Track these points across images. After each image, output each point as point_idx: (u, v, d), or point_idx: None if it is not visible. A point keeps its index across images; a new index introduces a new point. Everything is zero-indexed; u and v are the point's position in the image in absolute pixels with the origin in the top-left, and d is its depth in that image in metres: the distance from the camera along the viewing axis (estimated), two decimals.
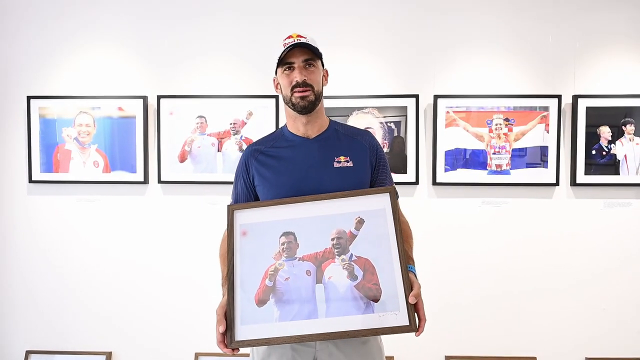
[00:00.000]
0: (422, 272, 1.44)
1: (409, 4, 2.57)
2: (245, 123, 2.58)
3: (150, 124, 2.62)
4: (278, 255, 1.33)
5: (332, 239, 1.33)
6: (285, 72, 1.43)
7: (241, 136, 2.58)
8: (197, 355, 2.58)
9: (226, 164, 2.58)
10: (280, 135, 1.53)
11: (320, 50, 1.46)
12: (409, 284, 1.26)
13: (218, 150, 2.59)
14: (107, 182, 2.60)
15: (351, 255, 1.31)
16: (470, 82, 2.56)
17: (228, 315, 1.27)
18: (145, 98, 2.59)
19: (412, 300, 1.22)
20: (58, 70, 2.65)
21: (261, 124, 2.56)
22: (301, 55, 1.41)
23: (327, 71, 1.53)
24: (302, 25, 2.57)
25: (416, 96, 2.52)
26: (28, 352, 2.62)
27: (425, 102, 2.56)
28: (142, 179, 2.59)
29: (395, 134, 2.54)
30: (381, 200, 1.36)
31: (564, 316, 2.54)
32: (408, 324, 1.22)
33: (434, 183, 2.53)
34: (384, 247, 1.31)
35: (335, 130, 1.52)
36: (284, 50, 1.40)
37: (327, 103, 2.53)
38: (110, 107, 2.60)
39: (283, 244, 1.33)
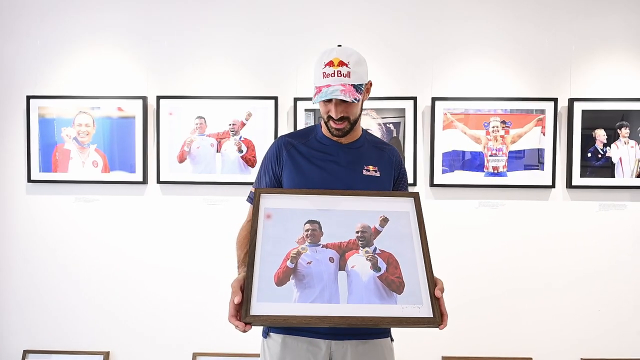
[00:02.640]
0: None
1: (408, 8, 2.59)
2: (245, 124, 2.59)
3: (149, 124, 2.63)
4: (302, 240, 1.32)
5: (357, 232, 1.34)
6: (323, 100, 1.38)
7: (240, 137, 2.59)
8: (195, 355, 2.58)
9: (225, 164, 2.60)
10: (312, 133, 1.54)
11: (362, 87, 1.39)
12: (433, 279, 1.27)
13: (217, 151, 2.60)
14: (106, 182, 2.61)
15: (375, 248, 1.32)
16: (468, 85, 2.58)
17: (244, 291, 1.22)
18: (144, 98, 2.60)
19: (438, 294, 1.22)
20: (58, 70, 2.65)
21: (260, 125, 2.58)
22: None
23: (370, 82, 1.48)
24: (301, 28, 2.59)
25: (414, 98, 2.54)
26: (25, 352, 2.62)
27: (423, 104, 2.58)
28: (141, 179, 2.60)
29: (394, 134, 2.56)
30: (406, 205, 1.41)
31: (560, 317, 2.56)
32: (432, 316, 1.21)
33: (432, 184, 2.55)
34: (408, 245, 1.34)
35: (366, 140, 1.55)
36: (319, 99, 1.35)
37: None
38: (109, 107, 2.61)
39: (307, 230, 1.34)
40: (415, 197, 1.43)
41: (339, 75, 1.34)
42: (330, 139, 1.51)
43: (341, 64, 1.34)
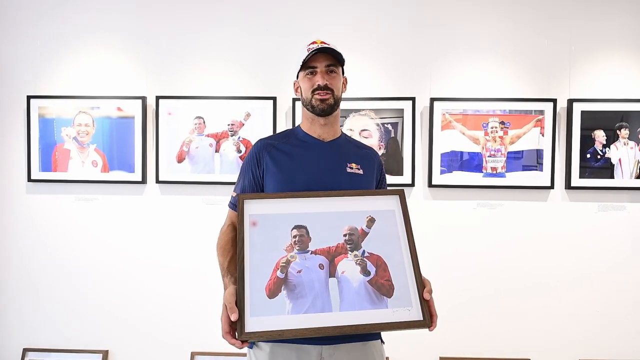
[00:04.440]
0: None
1: (407, 8, 2.59)
2: (243, 124, 2.60)
3: (148, 125, 2.64)
4: (290, 247, 1.31)
5: (344, 235, 1.33)
6: (307, 75, 1.47)
7: (239, 137, 2.60)
8: (193, 354, 2.59)
9: (224, 164, 2.60)
10: (292, 134, 1.55)
11: (343, 57, 1.48)
12: (422, 281, 1.28)
13: (216, 151, 2.60)
14: (106, 181, 2.62)
15: (363, 251, 1.32)
16: (467, 85, 2.58)
17: (237, 306, 1.22)
18: (144, 98, 2.61)
19: (427, 296, 1.24)
20: (58, 70, 2.67)
21: (259, 125, 2.58)
22: (324, 60, 1.45)
23: (346, 79, 1.56)
24: (300, 30, 2.60)
25: (413, 99, 2.54)
26: (25, 350, 2.64)
27: (422, 104, 2.58)
28: (140, 179, 2.61)
29: (392, 135, 2.56)
30: (391, 202, 1.40)
31: (558, 318, 2.56)
32: (422, 319, 1.22)
33: (430, 185, 2.55)
34: (395, 246, 1.33)
35: (346, 139, 1.57)
36: (308, 55, 1.43)
37: None
38: (109, 107, 2.62)
39: (295, 236, 1.32)
40: (400, 194, 1.42)
41: (323, 46, 1.45)
42: (312, 137, 1.51)
43: (323, 42, 1.47)
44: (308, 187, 1.42)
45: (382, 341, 1.48)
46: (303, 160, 1.47)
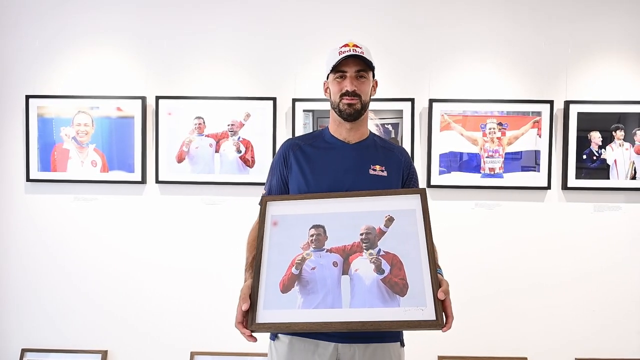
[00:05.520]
0: None
1: (406, 10, 2.61)
2: (243, 124, 2.60)
3: (148, 125, 2.64)
4: (306, 245, 1.34)
5: (361, 234, 1.34)
6: (337, 79, 1.48)
7: (239, 137, 2.61)
8: (192, 354, 2.59)
9: (223, 164, 2.61)
10: (320, 136, 1.57)
11: (374, 63, 1.49)
12: (437, 281, 1.25)
13: (215, 151, 2.61)
14: (105, 181, 2.62)
15: (379, 250, 1.32)
16: (465, 87, 2.60)
17: (251, 299, 1.26)
18: (144, 98, 2.61)
19: (441, 296, 1.20)
20: (57, 69, 2.66)
21: (259, 125, 2.59)
22: (354, 65, 1.45)
23: (377, 82, 1.57)
24: (300, 31, 2.61)
25: (412, 100, 2.56)
26: (24, 350, 2.63)
27: (421, 105, 2.60)
28: (139, 179, 2.61)
29: (392, 135, 2.58)
30: (412, 202, 1.39)
31: (555, 317, 2.59)
32: (435, 319, 1.19)
33: (429, 185, 2.57)
34: (413, 245, 1.32)
35: (373, 141, 1.57)
36: (339, 59, 1.43)
37: (325, 106, 2.56)
38: (108, 107, 2.62)
39: (312, 235, 1.35)
40: (422, 193, 1.40)
41: (355, 51, 1.44)
42: (338, 139, 1.52)
43: (355, 46, 1.46)
44: (329, 189, 1.44)
45: (402, 344, 1.48)
46: (325, 163, 1.49)
